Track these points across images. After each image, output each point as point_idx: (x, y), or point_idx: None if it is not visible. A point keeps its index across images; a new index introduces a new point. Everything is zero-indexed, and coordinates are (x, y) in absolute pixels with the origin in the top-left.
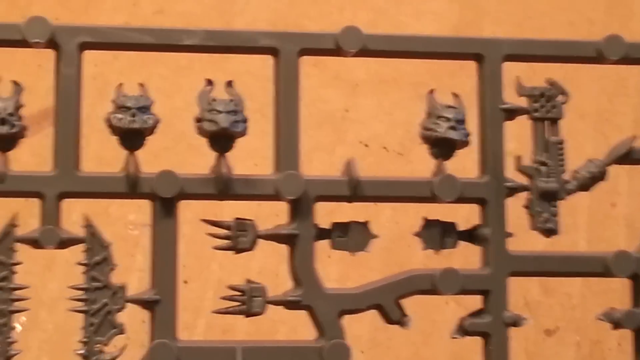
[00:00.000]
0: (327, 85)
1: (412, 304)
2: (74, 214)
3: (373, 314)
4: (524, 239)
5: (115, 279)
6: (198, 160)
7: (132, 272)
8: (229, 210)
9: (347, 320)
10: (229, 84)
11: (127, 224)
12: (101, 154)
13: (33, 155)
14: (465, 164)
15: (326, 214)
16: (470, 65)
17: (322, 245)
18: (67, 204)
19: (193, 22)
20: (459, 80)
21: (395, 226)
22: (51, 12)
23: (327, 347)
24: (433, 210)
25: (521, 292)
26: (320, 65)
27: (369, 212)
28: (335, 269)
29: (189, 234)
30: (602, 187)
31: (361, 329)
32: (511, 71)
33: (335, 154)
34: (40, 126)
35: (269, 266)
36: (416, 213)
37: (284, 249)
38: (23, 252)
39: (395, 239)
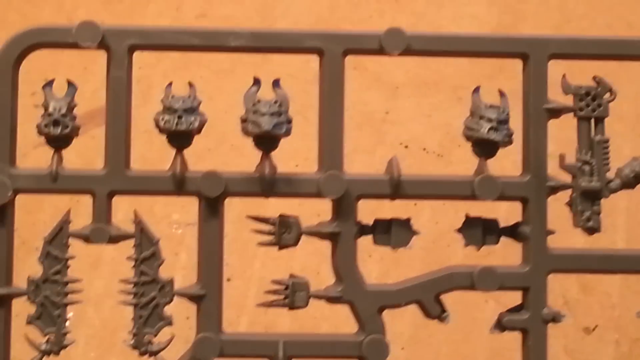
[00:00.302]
0: (367, 87)
1: (452, 302)
2: (120, 212)
3: (414, 311)
4: (564, 236)
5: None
6: (240, 161)
7: (176, 270)
8: (271, 211)
9: (388, 318)
10: (276, 83)
11: (171, 223)
12: (145, 155)
13: (79, 157)
14: (508, 162)
15: (369, 212)
16: (510, 68)
17: (364, 245)
18: (113, 203)
19: (235, 25)
20: (498, 83)
21: (434, 226)
22: (96, 16)
23: (366, 341)
24: (472, 209)
25: (560, 290)
26: (360, 68)
27: (409, 213)
28: (376, 268)
29: (232, 234)
30: None
31: (402, 326)
32: (551, 70)
33: (375, 155)
34: (85, 128)
35: (311, 264)
36: (455, 213)
37: (325, 248)
38: (71, 251)
39: (435, 239)
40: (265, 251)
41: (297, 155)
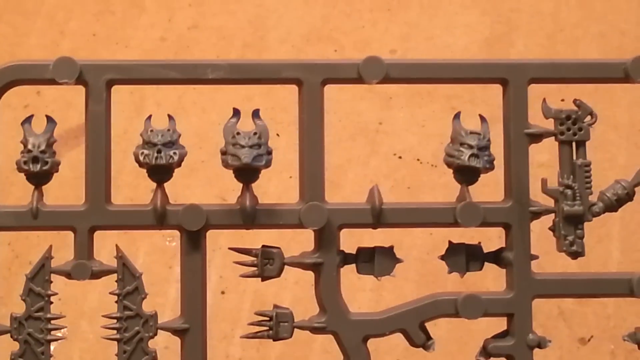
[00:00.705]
0: (361, 98)
1: None
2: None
3: None
4: (556, 256)
5: (154, 289)
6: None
7: (171, 284)
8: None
9: None
10: (255, 113)
11: (165, 236)
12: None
13: (71, 169)
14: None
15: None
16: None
17: None
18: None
19: (227, 37)
20: (492, 92)
21: (429, 237)
22: (89, 28)
23: None
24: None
25: (555, 301)
26: None
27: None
28: (371, 279)
29: (226, 246)
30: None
31: (397, 338)
32: (541, 88)
33: (369, 166)
34: (78, 140)
35: (306, 277)
36: None
37: None
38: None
39: (430, 250)
40: None
41: (291, 166)
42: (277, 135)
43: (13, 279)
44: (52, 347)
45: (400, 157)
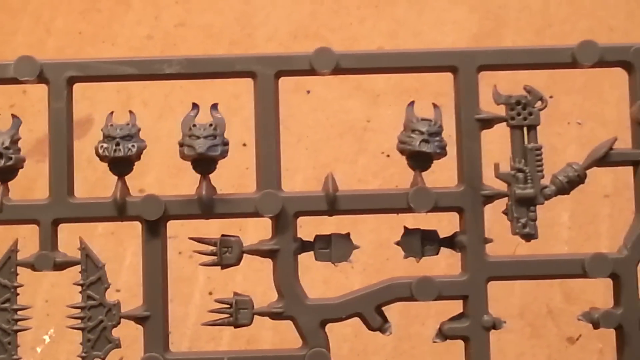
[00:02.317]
0: (348, 96)
1: (434, 312)
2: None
3: (396, 323)
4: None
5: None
6: (220, 171)
7: None
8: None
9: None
10: (214, 107)
11: None
12: None
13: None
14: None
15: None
16: (489, 74)
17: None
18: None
19: (214, 34)
20: (481, 90)
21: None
22: (75, 26)
23: (309, 355)
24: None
25: (544, 300)
26: (341, 77)
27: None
28: (359, 279)
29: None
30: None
31: (385, 338)
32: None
33: (357, 165)
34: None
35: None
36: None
37: (304, 259)
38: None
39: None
40: (248, 264)
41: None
42: None
43: None
44: (38, 350)
45: (388, 156)
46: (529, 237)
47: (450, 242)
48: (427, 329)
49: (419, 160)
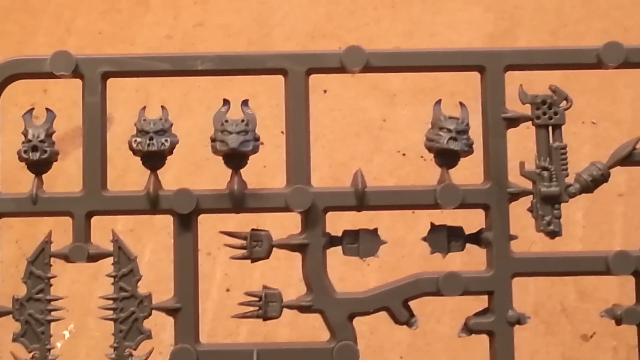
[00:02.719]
0: (365, 95)
1: (450, 310)
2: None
3: None
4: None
5: (160, 287)
6: None
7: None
8: (270, 220)
9: (387, 327)
10: (244, 103)
11: (171, 234)
12: None
13: (78, 167)
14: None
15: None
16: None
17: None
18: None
19: (232, 34)
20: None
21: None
22: (95, 26)
23: (337, 348)
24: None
25: (558, 297)
26: (357, 76)
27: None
28: (375, 276)
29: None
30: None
31: (401, 334)
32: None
33: (373, 163)
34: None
35: None
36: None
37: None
38: (72, 264)
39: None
40: (265, 261)
41: None
42: (282, 132)
43: (20, 276)
44: (58, 345)
45: (404, 154)
46: (553, 234)
47: (476, 238)
48: (443, 326)
49: (447, 158)
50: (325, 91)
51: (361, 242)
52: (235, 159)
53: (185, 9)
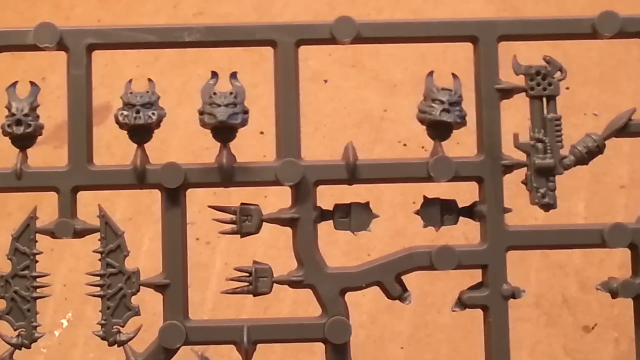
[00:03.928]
0: (365, 85)
1: (451, 301)
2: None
3: (413, 310)
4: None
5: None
6: (238, 158)
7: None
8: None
9: (387, 317)
10: (233, 75)
11: None
12: None
13: None
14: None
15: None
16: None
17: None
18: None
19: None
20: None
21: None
22: (93, 14)
23: (329, 323)
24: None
25: (559, 289)
26: (358, 66)
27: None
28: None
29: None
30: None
31: (401, 325)
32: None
33: (374, 154)
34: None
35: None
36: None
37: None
38: (70, 253)
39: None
40: (264, 252)
41: None
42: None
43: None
44: (57, 333)
45: (405, 145)
46: (548, 206)
47: (470, 211)
48: (444, 317)
49: (439, 130)
50: (325, 81)
51: (353, 216)
52: (224, 132)
53: None
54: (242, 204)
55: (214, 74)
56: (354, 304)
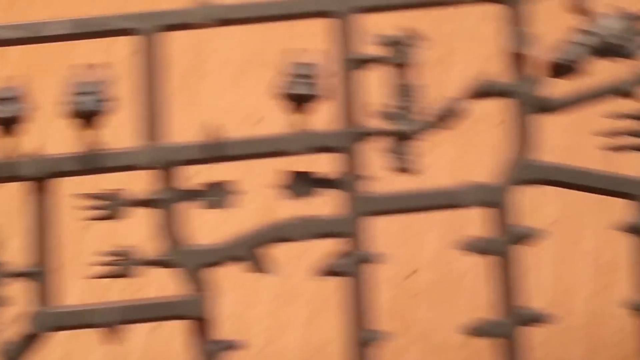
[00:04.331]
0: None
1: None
2: None
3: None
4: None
5: None
6: None
7: None
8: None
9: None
10: (95, 65)
11: None
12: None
13: None
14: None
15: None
16: None
17: None
18: None
19: (167, 63)
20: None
21: None
22: None
23: (188, 299)
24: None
25: None
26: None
27: None
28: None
29: None
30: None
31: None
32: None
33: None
34: None
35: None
36: None
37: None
38: None
39: None
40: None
41: None
42: None
43: None
44: None
45: None
46: (407, 171)
47: (330, 181)
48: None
49: (297, 102)
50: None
51: (215, 195)
52: (87, 120)
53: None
54: (106, 190)
55: (79, 67)
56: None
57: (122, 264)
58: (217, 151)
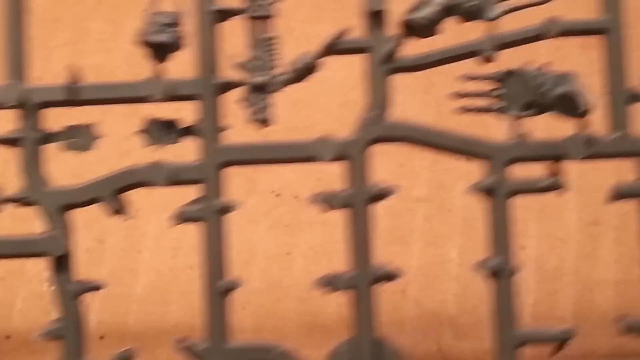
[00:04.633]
0: (240, 133)
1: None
2: None
3: None
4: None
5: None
6: None
7: None
8: None
9: None
10: None
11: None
12: None
13: None
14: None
15: None
16: None
17: None
18: None
19: (104, 75)
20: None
21: None
22: None
23: (47, 237)
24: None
25: (434, 337)
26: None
27: None
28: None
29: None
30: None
31: None
32: None
33: (247, 205)
34: None
35: None
36: None
37: None
38: None
39: None
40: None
41: None
42: None
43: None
44: None
45: (278, 195)
46: (264, 122)
47: (189, 130)
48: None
49: (157, 51)
50: None
51: (76, 137)
52: None
53: (55, 50)
54: None
55: None
56: None
57: None
58: (75, 94)
